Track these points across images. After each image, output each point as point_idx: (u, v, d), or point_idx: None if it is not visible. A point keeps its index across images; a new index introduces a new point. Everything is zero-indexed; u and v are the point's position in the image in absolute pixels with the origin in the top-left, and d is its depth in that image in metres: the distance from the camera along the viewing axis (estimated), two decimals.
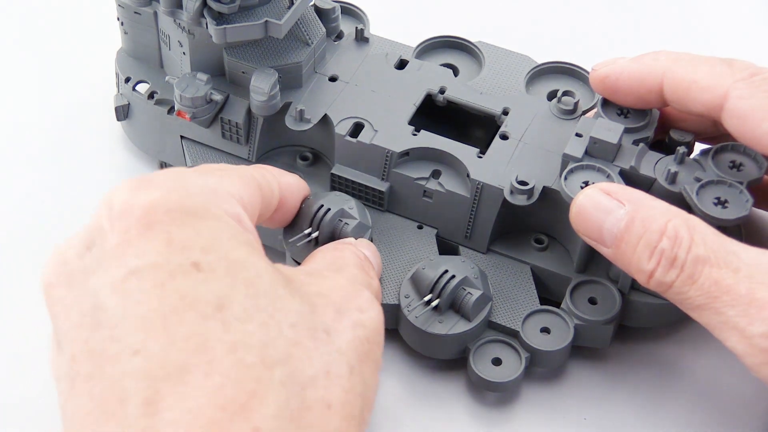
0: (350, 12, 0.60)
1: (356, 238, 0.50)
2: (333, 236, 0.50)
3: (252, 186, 0.44)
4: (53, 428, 0.41)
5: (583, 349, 0.51)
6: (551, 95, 0.56)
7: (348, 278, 0.44)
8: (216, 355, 0.36)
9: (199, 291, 0.37)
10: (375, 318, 0.42)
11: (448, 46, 0.59)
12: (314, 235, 0.50)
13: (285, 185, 0.49)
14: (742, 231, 0.51)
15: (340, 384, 0.39)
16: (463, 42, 0.59)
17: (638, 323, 0.51)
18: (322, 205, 0.50)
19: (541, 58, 0.58)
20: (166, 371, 0.36)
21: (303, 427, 0.37)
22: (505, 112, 0.54)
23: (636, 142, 0.50)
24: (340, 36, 0.58)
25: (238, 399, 0.36)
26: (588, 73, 0.56)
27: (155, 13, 0.56)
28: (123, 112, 0.58)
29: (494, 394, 0.50)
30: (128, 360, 0.36)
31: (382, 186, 0.53)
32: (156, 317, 0.37)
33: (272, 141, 0.56)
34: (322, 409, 0.38)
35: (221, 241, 0.39)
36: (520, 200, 0.50)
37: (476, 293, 0.49)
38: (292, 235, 0.50)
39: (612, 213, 0.46)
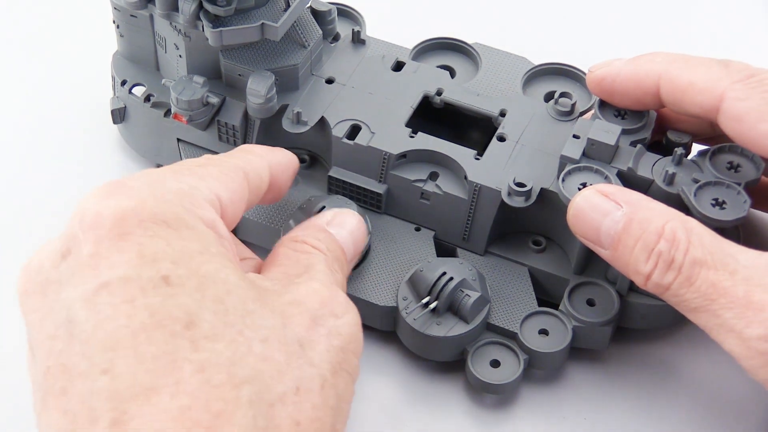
0: (346, 14, 0.60)
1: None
2: None
3: (236, 180, 0.44)
4: None
5: (581, 351, 0.51)
6: (548, 96, 0.56)
7: (321, 281, 0.43)
8: (183, 375, 0.36)
9: (168, 307, 0.37)
10: (351, 323, 0.42)
11: (445, 48, 0.59)
12: None
13: (275, 165, 0.48)
14: (740, 232, 0.51)
15: (310, 400, 0.38)
16: (459, 43, 0.59)
17: (636, 325, 0.51)
18: (324, 207, 0.50)
19: (537, 59, 0.58)
20: (133, 391, 0.36)
21: None
22: (502, 114, 0.54)
23: (633, 144, 0.50)
24: (336, 38, 0.58)
25: (203, 421, 0.35)
26: (584, 74, 0.56)
27: (151, 16, 0.56)
28: (119, 115, 0.58)
29: (493, 396, 0.50)
30: (96, 379, 0.36)
31: (379, 188, 0.53)
32: (125, 335, 0.37)
33: (269, 143, 0.55)
34: (290, 427, 0.37)
35: (192, 254, 0.39)
36: (518, 202, 0.50)
37: (474, 295, 0.49)
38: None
39: (609, 215, 0.46)
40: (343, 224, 0.48)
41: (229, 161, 0.45)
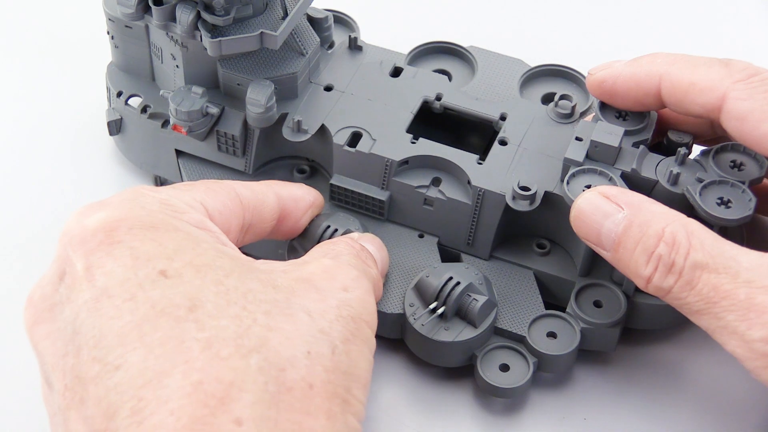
0: (340, 20, 0.60)
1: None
2: None
3: (222, 194, 0.45)
4: None
5: (588, 354, 0.51)
6: (545, 98, 0.56)
7: (333, 259, 0.45)
8: (193, 354, 0.37)
9: (169, 296, 0.38)
10: (361, 296, 0.43)
11: (440, 52, 0.59)
12: None
13: (287, 198, 0.49)
14: (744, 233, 0.51)
15: (322, 363, 0.39)
16: (454, 47, 0.59)
17: (644, 325, 0.51)
18: (329, 225, 0.50)
19: (532, 61, 0.58)
20: (145, 378, 0.36)
21: (284, 410, 0.37)
22: (503, 118, 0.54)
23: (635, 145, 0.50)
24: (331, 45, 0.58)
25: (216, 393, 0.36)
26: (581, 74, 0.56)
27: (146, 27, 0.55)
28: (116, 127, 0.58)
29: (502, 401, 0.50)
30: (111, 376, 0.37)
31: (382, 195, 0.53)
32: (131, 329, 0.38)
33: (269, 153, 0.55)
34: (303, 389, 0.38)
35: (185, 249, 0.40)
36: (523, 206, 0.50)
37: (482, 299, 0.49)
38: (296, 254, 0.50)
39: (610, 217, 0.46)
40: (371, 241, 0.49)
41: (220, 182, 0.46)
